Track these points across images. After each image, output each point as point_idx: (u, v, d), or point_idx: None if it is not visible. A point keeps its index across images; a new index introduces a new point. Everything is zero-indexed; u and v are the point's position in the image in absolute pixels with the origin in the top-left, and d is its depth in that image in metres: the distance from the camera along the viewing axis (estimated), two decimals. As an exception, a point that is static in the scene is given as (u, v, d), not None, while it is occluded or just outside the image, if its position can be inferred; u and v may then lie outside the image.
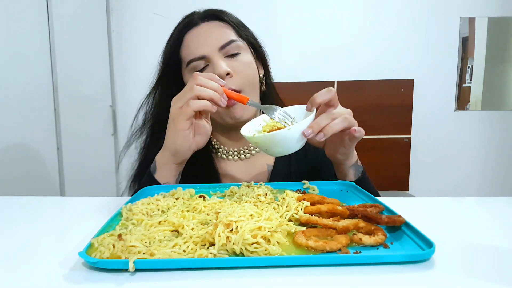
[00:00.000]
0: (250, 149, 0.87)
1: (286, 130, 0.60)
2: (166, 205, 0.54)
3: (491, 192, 2.28)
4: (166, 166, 0.70)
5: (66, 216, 0.59)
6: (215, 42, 0.77)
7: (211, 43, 0.77)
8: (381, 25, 2.17)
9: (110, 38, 2.10)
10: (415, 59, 2.18)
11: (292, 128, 0.60)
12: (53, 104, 1.50)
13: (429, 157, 2.26)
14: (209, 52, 0.76)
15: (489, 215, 0.55)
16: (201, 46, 0.77)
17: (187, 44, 0.79)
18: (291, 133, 0.59)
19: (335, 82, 2.17)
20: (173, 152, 0.69)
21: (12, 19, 1.26)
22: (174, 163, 0.70)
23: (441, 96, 2.22)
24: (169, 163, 0.70)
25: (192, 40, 0.79)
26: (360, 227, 0.42)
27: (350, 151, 0.70)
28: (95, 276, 0.35)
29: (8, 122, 1.22)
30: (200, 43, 0.77)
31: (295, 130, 0.60)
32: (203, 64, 0.78)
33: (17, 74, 1.28)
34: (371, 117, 2.21)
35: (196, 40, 0.78)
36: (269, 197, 0.55)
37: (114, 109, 2.15)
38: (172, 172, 0.71)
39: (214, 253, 0.38)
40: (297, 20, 2.18)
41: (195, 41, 0.78)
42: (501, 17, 2.14)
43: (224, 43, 0.77)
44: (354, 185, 0.65)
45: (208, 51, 0.76)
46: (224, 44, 0.77)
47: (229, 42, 0.78)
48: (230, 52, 0.78)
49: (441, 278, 0.34)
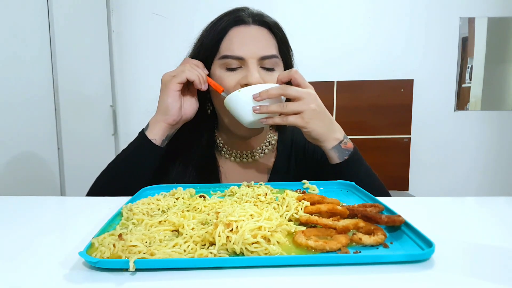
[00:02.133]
0: (253, 153, 0.87)
1: (237, 91, 0.70)
2: (166, 205, 0.54)
3: (491, 192, 2.28)
4: (157, 124, 0.77)
5: (66, 216, 0.59)
6: (259, 49, 0.76)
7: (255, 49, 0.76)
8: (381, 25, 2.17)
9: (110, 38, 2.10)
10: (415, 59, 2.19)
11: (242, 90, 0.69)
12: (54, 104, 1.50)
13: (429, 157, 2.26)
14: (249, 56, 0.75)
15: (489, 215, 0.55)
16: (244, 47, 0.76)
17: (231, 38, 0.77)
18: (241, 94, 0.69)
19: (335, 82, 2.17)
20: (164, 110, 0.76)
21: (12, 19, 1.26)
22: (164, 122, 0.77)
23: (441, 96, 2.22)
24: (160, 122, 0.77)
25: (237, 37, 0.77)
26: (360, 227, 0.42)
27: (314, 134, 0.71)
28: (95, 276, 0.36)
29: (9, 122, 1.22)
30: (245, 43, 0.76)
31: (245, 91, 0.69)
32: (236, 65, 0.77)
33: (18, 74, 1.28)
34: (371, 117, 2.21)
35: (241, 39, 0.77)
36: (269, 197, 0.55)
37: (114, 109, 2.15)
38: (161, 130, 0.77)
39: (214, 253, 0.38)
40: (297, 20, 2.18)
41: (240, 40, 0.77)
42: (501, 17, 2.14)
43: (266, 55, 0.76)
44: (354, 185, 0.65)
45: (248, 55, 0.75)
46: (266, 55, 0.76)
47: (271, 56, 0.77)
48: (267, 65, 0.77)
49: (441, 278, 0.34)
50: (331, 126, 0.73)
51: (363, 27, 2.18)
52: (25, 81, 1.32)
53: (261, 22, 0.79)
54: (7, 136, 1.22)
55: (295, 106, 0.69)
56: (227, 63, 0.77)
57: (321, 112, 0.71)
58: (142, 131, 0.78)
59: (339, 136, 0.74)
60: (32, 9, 1.38)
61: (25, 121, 1.31)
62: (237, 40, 0.77)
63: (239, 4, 0.84)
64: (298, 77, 0.72)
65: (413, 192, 2.27)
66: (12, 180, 1.23)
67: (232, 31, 0.78)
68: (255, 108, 0.70)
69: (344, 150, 0.74)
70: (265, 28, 0.79)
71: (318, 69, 2.18)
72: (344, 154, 0.73)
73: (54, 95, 1.50)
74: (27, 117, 1.32)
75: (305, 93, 0.69)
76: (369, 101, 2.20)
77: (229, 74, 0.77)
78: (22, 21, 1.31)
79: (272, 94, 0.69)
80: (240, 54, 0.75)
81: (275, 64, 0.79)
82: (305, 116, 0.69)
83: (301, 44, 2.26)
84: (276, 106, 0.69)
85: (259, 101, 0.69)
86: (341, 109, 2.19)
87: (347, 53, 2.19)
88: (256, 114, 0.70)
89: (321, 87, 2.17)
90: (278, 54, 0.80)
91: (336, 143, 0.73)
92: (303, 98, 0.69)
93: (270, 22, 0.80)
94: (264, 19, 0.80)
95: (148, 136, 0.76)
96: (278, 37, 0.80)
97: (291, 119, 0.70)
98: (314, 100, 0.69)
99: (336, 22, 2.19)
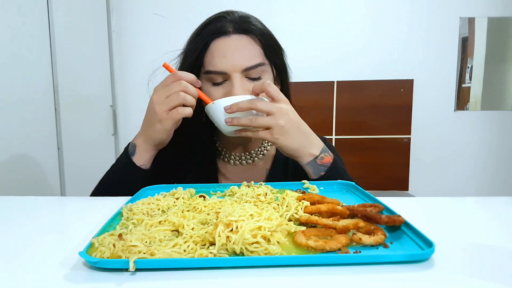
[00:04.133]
0: (252, 155, 0.87)
1: (211, 103, 0.71)
2: (166, 205, 0.54)
3: (491, 192, 2.28)
4: (147, 151, 0.75)
5: (66, 216, 0.59)
6: (241, 62, 0.74)
7: (237, 61, 0.74)
8: (381, 25, 2.17)
9: (110, 38, 2.10)
10: (415, 59, 2.19)
11: (216, 102, 0.71)
12: (54, 104, 1.50)
13: (428, 157, 2.26)
14: (231, 70, 0.74)
15: (489, 215, 0.55)
16: (225, 62, 0.74)
17: (212, 52, 0.75)
18: (215, 106, 0.71)
19: (335, 82, 2.17)
20: (157, 143, 0.74)
21: (12, 19, 1.26)
22: (155, 150, 0.76)
23: (441, 96, 2.22)
24: (149, 150, 0.75)
25: (218, 51, 0.75)
26: (360, 226, 0.42)
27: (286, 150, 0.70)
28: (95, 275, 0.36)
29: (9, 122, 1.22)
30: (226, 57, 0.74)
31: (218, 103, 0.70)
32: (221, 79, 0.75)
33: (17, 74, 1.28)
34: (371, 117, 2.21)
35: (222, 53, 0.74)
36: (269, 197, 0.55)
37: (114, 109, 2.15)
38: (150, 155, 0.76)
39: (214, 253, 0.38)
40: (297, 20, 2.18)
41: (221, 54, 0.74)
42: (501, 17, 2.14)
43: (249, 66, 0.74)
44: (354, 185, 0.65)
45: (231, 69, 0.74)
46: (249, 66, 0.74)
47: (255, 65, 0.75)
48: (252, 75, 0.75)
49: (441, 278, 0.34)
50: (305, 141, 0.71)
51: (363, 27, 2.18)
52: (25, 81, 1.32)
53: (242, 30, 0.76)
54: (7, 136, 1.22)
55: (264, 121, 0.68)
56: (212, 78, 0.76)
57: (292, 128, 0.69)
58: (129, 155, 0.75)
59: (314, 152, 0.72)
60: (32, 9, 1.38)
61: (25, 121, 1.31)
62: (218, 54, 0.74)
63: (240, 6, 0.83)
64: (270, 90, 0.69)
65: (413, 192, 2.27)
66: (12, 180, 1.23)
67: (213, 44, 0.75)
68: (227, 120, 0.70)
69: (320, 166, 0.72)
70: (247, 36, 0.76)
71: (318, 69, 2.18)
72: (319, 170, 0.72)
73: (54, 95, 1.50)
74: (27, 117, 1.32)
75: (276, 108, 0.68)
76: (369, 101, 2.20)
77: (215, 88, 0.76)
78: (22, 21, 1.31)
79: (242, 107, 0.68)
80: (222, 69, 0.74)
81: (261, 72, 0.76)
82: (274, 132, 0.68)
83: (301, 44, 2.27)
84: (245, 120, 0.68)
85: (230, 113, 0.69)
86: (341, 109, 2.19)
87: (347, 53, 2.19)
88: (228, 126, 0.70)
89: (321, 87, 2.17)
90: (265, 60, 0.77)
91: (311, 159, 0.72)
92: (273, 113, 0.67)
93: (253, 28, 0.77)
94: (246, 26, 0.76)
95: (137, 162, 0.74)
96: (263, 42, 0.77)
97: (261, 133, 0.69)
98: (284, 115, 0.68)
99: (336, 22, 2.19)
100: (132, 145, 0.76)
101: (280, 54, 0.82)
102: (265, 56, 0.78)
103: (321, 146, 0.74)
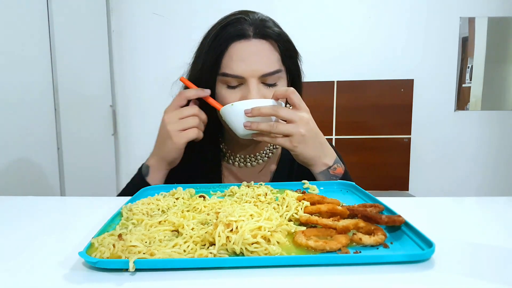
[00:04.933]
0: (256, 157, 0.87)
1: (230, 105, 0.70)
2: (166, 205, 0.54)
3: (491, 192, 2.28)
4: (160, 171, 0.77)
5: (66, 216, 0.59)
6: (259, 67, 0.73)
7: (255, 67, 0.73)
8: (381, 25, 2.17)
9: (110, 38, 2.10)
10: (415, 59, 2.19)
11: (235, 104, 0.69)
12: (53, 104, 1.50)
13: (429, 157, 2.26)
14: (249, 76, 0.73)
15: (489, 215, 0.55)
16: (244, 66, 0.73)
17: (231, 56, 0.74)
18: (234, 108, 0.69)
19: (335, 82, 2.17)
20: (169, 162, 0.76)
21: (12, 19, 1.26)
22: (167, 169, 0.77)
23: (441, 96, 2.22)
24: (163, 169, 0.77)
25: (237, 55, 0.73)
26: (360, 227, 0.42)
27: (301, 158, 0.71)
28: (95, 276, 0.36)
29: (8, 122, 1.22)
30: (245, 62, 0.73)
31: (238, 105, 0.69)
32: (236, 82, 0.74)
33: (17, 74, 1.28)
34: (371, 117, 2.21)
35: (240, 57, 0.73)
36: (269, 197, 0.55)
37: (114, 109, 2.15)
38: (164, 175, 0.78)
39: (214, 253, 0.38)
40: (297, 20, 2.18)
41: (240, 58, 0.73)
42: (501, 17, 2.14)
43: (267, 72, 0.73)
44: (354, 185, 0.65)
45: (249, 74, 0.73)
46: (267, 73, 0.74)
47: (272, 72, 0.74)
48: (269, 81, 0.75)
49: (441, 278, 0.34)
50: (321, 151, 0.72)
51: (363, 27, 2.18)
52: (25, 81, 1.32)
53: (263, 34, 0.75)
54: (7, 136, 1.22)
55: (285, 128, 0.68)
56: (227, 81, 0.75)
57: (311, 137, 0.69)
58: (143, 176, 0.76)
59: (328, 162, 0.73)
60: (32, 9, 1.38)
61: (25, 121, 1.31)
62: (237, 58, 0.73)
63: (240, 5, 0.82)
64: (294, 97, 0.69)
65: (413, 192, 2.27)
66: (12, 180, 1.23)
67: (232, 47, 0.74)
68: (246, 124, 0.69)
69: (332, 176, 0.72)
70: (267, 42, 0.75)
71: (318, 69, 2.18)
72: (331, 180, 0.72)
73: (54, 95, 1.50)
74: (27, 117, 1.32)
75: (297, 116, 0.68)
76: (369, 101, 2.20)
77: (230, 91, 0.75)
78: (21, 21, 1.31)
79: (264, 113, 0.67)
80: (239, 73, 0.73)
81: (277, 79, 0.76)
82: (294, 140, 0.68)
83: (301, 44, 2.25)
84: (266, 125, 0.68)
85: (251, 117, 0.68)
86: (341, 109, 2.19)
87: (347, 53, 2.19)
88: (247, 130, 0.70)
89: (321, 87, 2.17)
90: (282, 67, 0.77)
91: (324, 168, 0.72)
92: (294, 121, 0.68)
93: (273, 33, 0.76)
94: (267, 30, 0.75)
95: (151, 183, 0.75)
96: (282, 48, 0.77)
97: (279, 140, 0.69)
98: (305, 125, 0.68)
99: (336, 22, 2.18)
100: (146, 167, 0.78)
101: (296, 59, 0.82)
102: (282, 62, 0.77)
103: (334, 157, 0.74)
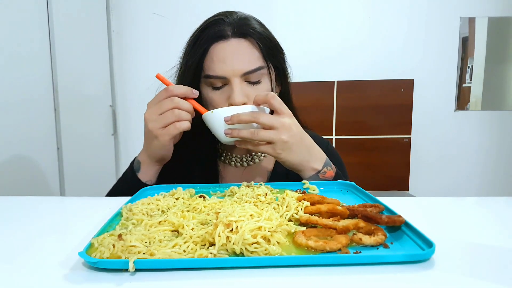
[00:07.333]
0: (253, 157, 0.87)
1: (210, 112, 0.69)
2: (166, 205, 0.54)
3: (491, 192, 2.28)
4: (151, 167, 0.76)
5: (66, 216, 0.59)
6: (240, 66, 0.73)
7: (236, 66, 0.73)
8: (381, 25, 2.17)
9: (110, 38, 2.10)
10: (415, 59, 2.19)
11: (215, 111, 0.68)
12: (53, 104, 1.50)
13: (429, 157, 2.26)
14: (231, 75, 0.73)
15: (489, 215, 0.55)
16: (225, 67, 0.73)
17: (211, 57, 0.74)
18: (214, 115, 0.68)
19: (335, 82, 2.17)
20: (159, 159, 0.75)
21: (12, 19, 1.26)
22: (159, 165, 0.77)
23: (441, 96, 2.22)
24: (154, 165, 0.76)
25: (217, 55, 0.74)
26: (360, 227, 0.42)
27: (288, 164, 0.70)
28: (95, 276, 0.35)
29: (8, 122, 1.22)
30: (225, 62, 0.73)
31: (217, 113, 0.68)
32: (220, 83, 0.75)
33: (17, 74, 1.28)
34: (371, 117, 2.21)
35: (221, 57, 0.74)
36: (269, 197, 0.55)
37: (114, 109, 2.15)
38: (157, 171, 0.77)
39: (214, 253, 0.38)
40: (297, 20, 2.18)
41: (220, 59, 0.74)
42: (501, 17, 2.14)
43: (248, 70, 0.73)
44: (354, 185, 0.65)
45: (230, 74, 0.73)
46: (248, 71, 0.73)
47: (254, 70, 0.74)
48: (252, 79, 0.75)
49: (441, 278, 0.34)
50: (308, 155, 0.70)
51: (363, 27, 2.18)
52: (25, 80, 1.32)
53: (241, 33, 0.75)
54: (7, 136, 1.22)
55: (267, 135, 0.66)
56: (211, 82, 0.75)
57: (295, 143, 0.67)
58: (134, 171, 0.76)
59: (317, 166, 0.71)
60: (32, 9, 1.38)
61: (24, 121, 1.31)
62: (217, 59, 0.73)
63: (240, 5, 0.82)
64: (274, 102, 0.67)
65: (413, 192, 2.27)
66: (12, 180, 1.23)
67: (212, 48, 0.74)
68: (227, 131, 0.67)
69: (323, 180, 0.71)
70: (246, 40, 0.75)
71: (318, 69, 2.18)
72: None
73: (54, 95, 1.50)
74: (27, 117, 1.32)
75: (279, 122, 0.66)
76: (369, 101, 2.20)
77: (215, 93, 0.75)
78: (21, 21, 1.31)
79: (243, 119, 0.66)
80: (221, 74, 0.73)
81: (261, 75, 0.76)
82: (276, 147, 0.67)
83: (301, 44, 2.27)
84: (247, 132, 0.66)
85: (230, 124, 0.67)
86: (341, 109, 2.19)
87: (347, 53, 2.19)
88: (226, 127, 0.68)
89: (321, 87, 2.17)
90: (264, 63, 0.76)
91: (313, 173, 0.71)
92: (276, 127, 0.66)
93: (251, 31, 0.76)
94: (245, 29, 0.75)
95: (142, 179, 0.75)
96: (262, 45, 0.76)
97: (262, 147, 0.68)
98: (287, 130, 0.66)
99: (336, 21, 2.18)
100: (137, 162, 0.77)
101: (280, 56, 0.81)
102: (265, 59, 0.77)
103: (324, 159, 0.73)
